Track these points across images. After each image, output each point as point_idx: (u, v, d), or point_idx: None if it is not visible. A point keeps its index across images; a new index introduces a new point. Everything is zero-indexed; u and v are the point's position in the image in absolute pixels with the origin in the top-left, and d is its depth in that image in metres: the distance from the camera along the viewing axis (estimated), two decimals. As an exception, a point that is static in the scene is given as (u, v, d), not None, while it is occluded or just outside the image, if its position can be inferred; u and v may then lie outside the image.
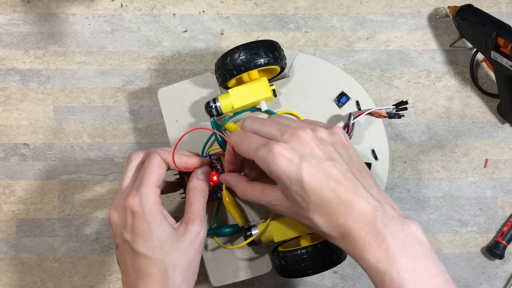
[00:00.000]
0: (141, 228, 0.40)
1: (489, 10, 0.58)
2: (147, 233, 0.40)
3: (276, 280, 0.58)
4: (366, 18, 0.61)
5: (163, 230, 0.41)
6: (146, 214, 0.40)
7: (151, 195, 0.41)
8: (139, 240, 0.40)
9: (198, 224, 0.43)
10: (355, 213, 0.37)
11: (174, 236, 0.41)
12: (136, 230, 0.40)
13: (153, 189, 0.42)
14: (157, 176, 0.43)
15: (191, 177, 0.46)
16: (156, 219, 0.41)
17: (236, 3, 0.61)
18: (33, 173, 0.59)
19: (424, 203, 0.59)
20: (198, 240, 0.42)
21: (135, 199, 0.41)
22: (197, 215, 0.43)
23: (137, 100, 0.60)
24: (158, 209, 0.41)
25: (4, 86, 0.60)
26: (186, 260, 0.41)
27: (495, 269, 0.59)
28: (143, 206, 0.40)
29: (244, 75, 0.50)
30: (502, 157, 0.59)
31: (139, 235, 0.40)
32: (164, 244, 0.40)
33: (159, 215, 0.41)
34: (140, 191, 0.41)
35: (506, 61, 0.52)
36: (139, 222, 0.40)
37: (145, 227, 0.40)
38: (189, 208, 0.44)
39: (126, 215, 0.41)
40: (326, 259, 0.46)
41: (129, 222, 0.41)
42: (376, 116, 0.51)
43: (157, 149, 0.44)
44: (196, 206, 0.44)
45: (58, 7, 0.61)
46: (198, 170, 0.46)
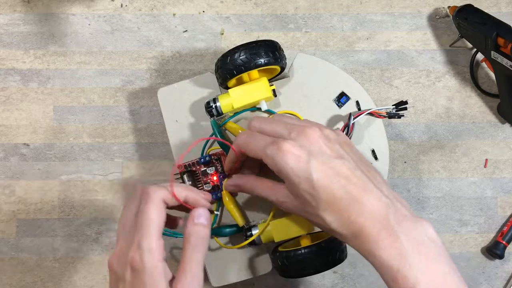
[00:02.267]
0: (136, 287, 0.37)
1: (489, 10, 0.58)
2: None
3: (276, 280, 0.58)
4: (366, 18, 0.61)
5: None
6: (146, 274, 0.37)
7: (154, 252, 0.37)
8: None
9: (188, 286, 0.38)
10: (367, 210, 0.37)
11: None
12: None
13: (155, 243, 0.38)
14: (158, 225, 0.39)
15: (188, 220, 0.41)
16: (154, 282, 0.37)
17: (236, 3, 0.61)
18: (33, 173, 0.59)
19: (424, 203, 0.59)
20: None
21: (136, 255, 0.37)
22: (190, 274, 0.38)
23: (137, 100, 0.60)
24: (159, 270, 0.37)
25: (4, 86, 0.60)
26: None
27: (495, 269, 0.59)
28: (144, 264, 0.37)
29: (244, 75, 0.50)
30: (502, 157, 0.59)
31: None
32: None
33: (158, 275, 0.37)
34: (142, 247, 0.37)
35: (506, 61, 0.52)
36: (137, 282, 0.37)
37: (141, 286, 0.37)
38: (182, 262, 0.39)
39: (126, 269, 0.38)
40: (327, 258, 0.46)
41: (127, 278, 0.38)
42: (376, 116, 0.51)
43: (154, 189, 0.40)
44: (189, 260, 0.39)
45: (58, 7, 0.61)
46: (196, 211, 0.41)
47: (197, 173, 0.52)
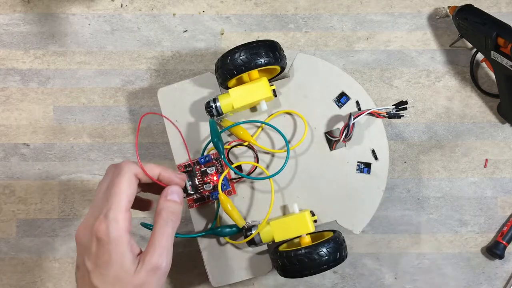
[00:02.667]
0: (102, 259, 0.38)
1: (489, 10, 0.58)
2: (106, 266, 0.37)
3: (276, 280, 0.58)
4: (366, 18, 0.61)
5: (123, 265, 0.38)
6: (111, 244, 0.37)
7: (120, 223, 0.38)
8: (97, 272, 0.38)
9: (157, 257, 0.38)
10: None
11: (131, 271, 0.38)
12: (97, 260, 0.38)
13: (122, 215, 0.38)
14: (127, 198, 0.39)
15: (160, 195, 0.42)
16: (119, 251, 0.38)
17: (236, 3, 0.61)
18: (33, 173, 0.59)
19: (424, 203, 0.59)
20: (156, 276, 0.38)
21: (102, 225, 0.38)
22: (158, 246, 0.39)
23: (137, 100, 0.60)
24: (124, 240, 0.38)
25: (4, 86, 0.60)
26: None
27: (495, 269, 0.59)
28: (109, 235, 0.37)
29: (244, 75, 0.50)
30: (502, 157, 0.59)
31: (99, 266, 0.38)
32: (120, 281, 0.37)
33: (124, 246, 0.38)
34: (108, 217, 0.38)
35: (506, 61, 0.52)
36: (102, 252, 0.38)
37: (106, 258, 0.37)
38: (152, 236, 0.39)
39: (92, 240, 0.38)
40: (327, 258, 0.46)
41: (93, 249, 0.38)
42: (376, 116, 0.51)
43: (126, 163, 0.41)
44: (160, 234, 0.40)
45: (58, 7, 0.61)
46: (169, 188, 0.42)
47: (197, 173, 0.52)
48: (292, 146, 0.52)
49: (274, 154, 0.52)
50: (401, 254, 0.59)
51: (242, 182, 0.52)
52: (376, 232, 0.59)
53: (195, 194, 0.52)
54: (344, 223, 0.51)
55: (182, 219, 0.58)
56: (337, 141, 0.52)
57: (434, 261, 0.58)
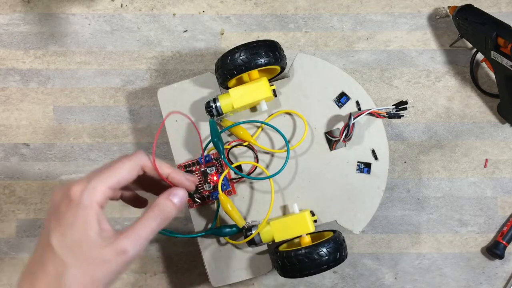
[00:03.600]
0: (67, 220, 0.36)
1: (489, 10, 0.58)
2: (69, 227, 0.36)
3: (276, 280, 0.58)
4: (366, 18, 0.61)
5: (86, 233, 0.36)
6: (79, 208, 0.36)
7: (96, 193, 0.37)
8: (57, 231, 0.36)
9: (130, 243, 0.37)
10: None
11: (96, 244, 0.36)
12: (62, 220, 0.37)
13: (103, 188, 0.37)
14: (119, 178, 0.38)
15: (164, 192, 0.41)
16: (86, 219, 0.36)
17: (236, 3, 0.61)
18: (33, 173, 0.59)
19: (424, 203, 0.59)
20: (121, 260, 0.36)
21: (78, 187, 0.37)
22: (137, 234, 0.37)
23: (137, 100, 0.60)
24: (94, 210, 0.37)
25: (4, 86, 0.60)
26: (93, 275, 0.36)
27: (495, 269, 0.59)
28: (81, 199, 0.36)
29: (244, 75, 0.50)
30: (502, 157, 0.59)
31: (61, 225, 0.36)
32: (78, 247, 0.36)
33: (92, 215, 0.36)
34: (89, 184, 0.37)
35: (506, 61, 0.52)
36: (69, 213, 0.36)
37: (71, 220, 0.36)
38: (135, 223, 0.38)
39: (64, 199, 0.37)
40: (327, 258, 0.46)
41: (62, 208, 0.37)
42: (376, 116, 0.51)
43: (139, 152, 0.40)
44: (144, 223, 0.38)
45: (58, 7, 0.61)
46: (175, 189, 0.41)
47: (197, 173, 0.52)
48: (292, 146, 0.52)
49: (274, 154, 0.52)
50: (401, 254, 0.59)
51: (242, 182, 0.52)
52: (376, 232, 0.59)
53: (195, 194, 0.52)
54: (344, 223, 0.51)
55: (182, 219, 0.58)
56: (337, 141, 0.52)
57: (434, 261, 0.58)
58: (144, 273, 0.58)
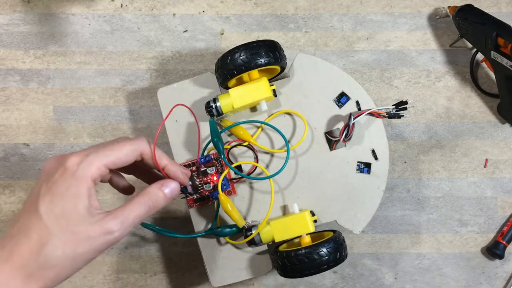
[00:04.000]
0: (59, 188, 0.36)
1: (489, 10, 0.58)
2: (58, 197, 0.36)
3: (276, 280, 0.58)
4: (366, 18, 0.61)
5: (76, 206, 0.36)
6: (73, 179, 0.36)
7: (92, 167, 0.37)
8: (47, 198, 0.36)
9: (116, 224, 0.37)
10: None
11: (84, 219, 0.36)
12: (54, 187, 0.36)
13: (99, 164, 0.37)
14: (117, 158, 0.38)
15: (156, 182, 0.41)
16: (77, 190, 0.36)
17: (236, 3, 0.61)
18: (33, 173, 0.59)
19: (424, 203, 0.59)
20: (103, 239, 0.36)
21: (76, 158, 0.37)
22: (124, 217, 0.37)
23: (137, 100, 0.60)
24: (87, 184, 0.36)
25: (4, 86, 0.60)
26: (76, 249, 0.36)
27: (495, 269, 0.59)
28: (77, 170, 0.36)
29: (244, 75, 0.50)
30: (502, 157, 0.59)
31: (52, 193, 0.36)
32: (64, 219, 0.36)
33: (84, 188, 0.36)
34: (88, 157, 0.37)
35: (506, 61, 0.52)
36: (61, 181, 0.36)
37: (63, 189, 0.36)
38: (124, 206, 0.38)
39: (59, 167, 0.37)
40: (327, 259, 0.46)
41: (55, 176, 0.36)
42: (376, 116, 0.51)
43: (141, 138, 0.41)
44: (132, 207, 0.38)
45: (58, 7, 0.61)
46: (169, 181, 0.41)
47: (197, 173, 0.52)
48: (292, 146, 0.52)
49: (274, 154, 0.52)
50: (401, 254, 0.59)
51: (242, 182, 0.52)
52: (376, 232, 0.59)
53: (195, 194, 0.52)
54: (344, 223, 0.51)
55: (183, 218, 0.58)
56: (337, 141, 0.52)
57: (434, 261, 0.58)
58: (144, 273, 0.58)
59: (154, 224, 0.56)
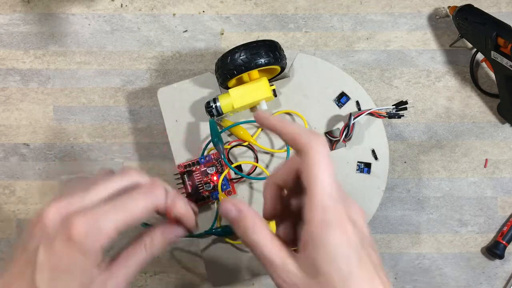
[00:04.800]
0: (61, 263, 0.30)
1: (489, 10, 0.58)
2: (62, 274, 0.30)
3: (276, 280, 0.58)
4: (366, 18, 0.61)
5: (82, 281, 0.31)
6: (80, 254, 0.30)
7: (102, 236, 0.31)
8: (45, 273, 0.30)
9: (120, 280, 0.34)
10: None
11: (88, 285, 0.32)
12: (53, 260, 0.30)
13: (110, 231, 0.31)
14: (130, 219, 0.33)
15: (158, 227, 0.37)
16: (84, 267, 0.31)
17: (236, 3, 0.61)
18: (33, 173, 0.59)
19: (424, 203, 0.59)
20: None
21: (83, 226, 0.30)
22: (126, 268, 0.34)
23: (137, 100, 0.60)
24: (96, 258, 0.31)
25: (4, 86, 0.60)
26: None
27: (495, 269, 0.59)
28: (85, 243, 0.30)
29: (244, 75, 0.50)
30: (502, 157, 0.59)
31: (51, 269, 0.30)
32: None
33: (93, 263, 0.31)
34: (97, 223, 0.31)
35: (506, 61, 0.52)
36: (64, 256, 0.30)
37: (65, 266, 0.30)
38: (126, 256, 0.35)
39: (61, 232, 0.30)
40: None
41: (57, 245, 0.30)
42: (376, 116, 0.51)
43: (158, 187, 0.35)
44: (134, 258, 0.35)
45: (58, 7, 0.61)
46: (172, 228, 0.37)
47: (197, 173, 0.52)
48: (292, 146, 0.52)
49: (274, 154, 0.52)
50: (401, 254, 0.59)
51: (242, 182, 0.52)
52: (376, 232, 0.59)
53: (195, 194, 0.52)
54: (344, 223, 0.51)
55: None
56: (337, 141, 0.52)
57: (434, 261, 0.58)
58: (144, 273, 0.58)
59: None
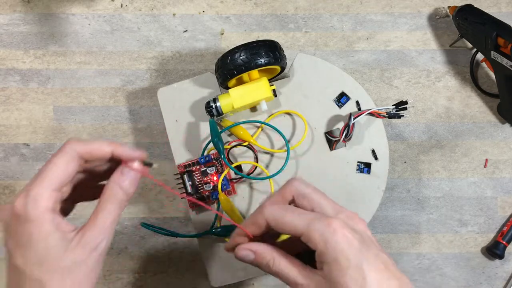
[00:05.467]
0: (21, 237, 0.34)
1: (489, 10, 0.58)
2: (27, 246, 0.34)
3: (276, 280, 0.58)
4: (366, 18, 0.61)
5: (47, 244, 0.34)
6: (30, 223, 0.33)
7: (41, 201, 0.34)
8: (17, 252, 0.34)
9: (95, 236, 0.35)
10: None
11: (62, 249, 0.34)
12: (17, 239, 0.34)
13: (47, 192, 0.34)
14: (59, 176, 0.35)
15: (111, 176, 0.37)
16: (42, 230, 0.34)
17: (236, 3, 0.61)
18: (33, 173, 0.59)
19: (424, 203, 0.59)
20: (93, 258, 0.35)
21: (21, 201, 0.34)
22: (98, 224, 0.35)
23: (137, 100, 0.60)
24: (46, 219, 0.34)
25: (4, 86, 0.60)
26: (74, 279, 0.34)
27: (495, 269, 0.59)
28: (27, 212, 0.33)
29: (244, 75, 0.50)
30: (502, 157, 0.59)
31: (19, 246, 0.34)
32: (45, 260, 0.34)
33: (46, 225, 0.34)
34: (30, 194, 0.34)
35: (506, 61, 0.52)
36: (20, 229, 0.34)
37: (26, 238, 0.34)
38: (95, 213, 0.36)
39: (12, 217, 0.34)
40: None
41: (12, 227, 0.34)
42: (376, 116, 0.51)
43: (69, 141, 0.36)
44: (103, 213, 0.36)
45: (58, 7, 0.61)
46: (120, 173, 0.37)
47: (197, 173, 0.52)
48: (292, 146, 0.52)
49: (274, 154, 0.52)
50: (401, 254, 0.59)
51: (242, 182, 0.52)
52: (376, 232, 0.59)
53: (195, 194, 0.52)
54: (344, 223, 0.51)
55: (183, 218, 0.58)
56: (337, 141, 0.52)
57: (434, 261, 0.58)
58: (144, 273, 0.58)
59: (154, 225, 0.56)
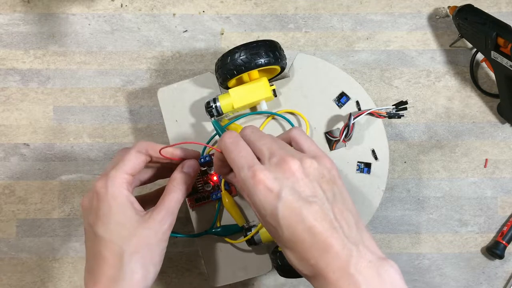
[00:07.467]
0: (102, 210, 0.40)
1: (489, 10, 0.58)
2: (106, 215, 0.40)
3: (276, 280, 0.58)
4: (366, 18, 0.61)
5: (124, 214, 0.40)
6: (109, 196, 0.40)
7: (118, 179, 0.41)
8: (99, 222, 0.40)
9: (163, 214, 0.41)
10: (328, 256, 0.35)
11: (136, 221, 0.40)
12: (98, 212, 0.40)
13: (122, 174, 0.41)
14: (132, 164, 0.42)
15: (177, 167, 0.45)
16: (119, 202, 0.40)
17: (236, 3, 0.61)
18: (33, 173, 0.59)
19: (424, 203, 0.59)
20: (162, 229, 0.41)
21: (101, 181, 0.41)
22: (166, 205, 0.42)
23: (137, 100, 0.60)
24: (122, 193, 0.41)
25: (4, 86, 0.60)
26: (147, 248, 0.40)
27: (495, 269, 0.59)
28: (107, 188, 0.40)
29: (244, 75, 0.50)
30: (502, 157, 0.59)
31: (100, 217, 0.40)
32: (123, 228, 0.40)
33: (122, 198, 0.41)
34: (109, 174, 0.41)
35: (506, 61, 0.52)
36: (101, 204, 0.40)
37: (106, 209, 0.40)
38: (162, 198, 0.43)
39: (93, 197, 0.41)
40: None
41: (94, 204, 0.41)
42: (376, 116, 0.51)
43: (139, 141, 0.45)
44: (169, 197, 0.43)
45: (58, 7, 0.61)
46: (185, 162, 0.45)
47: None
48: (292, 146, 0.52)
49: (274, 154, 0.52)
50: (401, 254, 0.59)
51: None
52: (376, 232, 0.59)
53: (195, 194, 0.52)
54: (344, 223, 0.51)
55: (182, 219, 0.58)
56: (337, 141, 0.52)
57: (434, 261, 0.59)
58: (144, 273, 0.58)
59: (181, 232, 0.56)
